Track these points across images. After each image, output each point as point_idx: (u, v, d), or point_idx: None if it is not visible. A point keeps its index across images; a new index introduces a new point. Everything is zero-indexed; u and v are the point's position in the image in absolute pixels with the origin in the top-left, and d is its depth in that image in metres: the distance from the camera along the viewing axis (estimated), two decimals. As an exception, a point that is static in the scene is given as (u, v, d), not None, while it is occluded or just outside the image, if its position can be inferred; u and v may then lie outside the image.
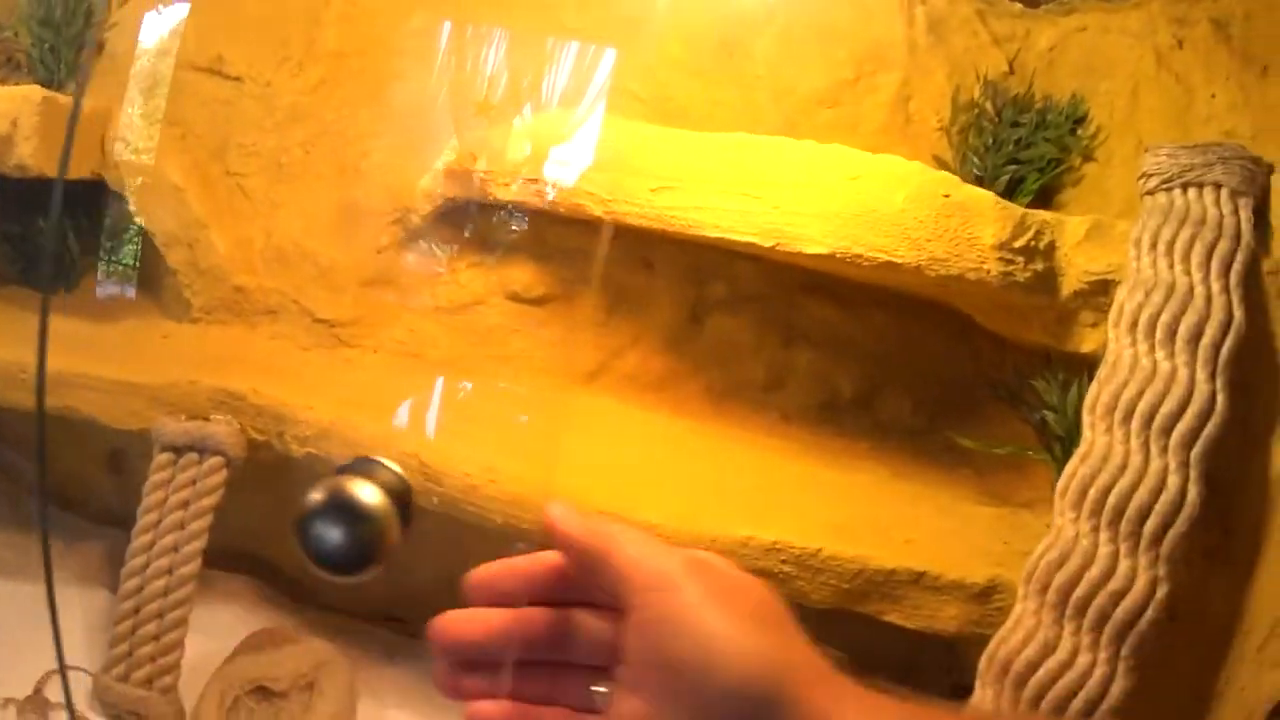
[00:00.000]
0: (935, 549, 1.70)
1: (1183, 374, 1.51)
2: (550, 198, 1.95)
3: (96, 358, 2.02)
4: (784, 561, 1.62)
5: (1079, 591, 1.44)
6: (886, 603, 1.64)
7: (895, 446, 2.03)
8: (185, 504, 1.90)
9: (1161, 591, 1.41)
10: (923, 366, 2.06)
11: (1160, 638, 1.42)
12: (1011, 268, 1.71)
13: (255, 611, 2.24)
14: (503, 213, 2.11)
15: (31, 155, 1.99)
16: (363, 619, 2.24)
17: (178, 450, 1.92)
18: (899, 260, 1.71)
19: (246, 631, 2.08)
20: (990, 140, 1.99)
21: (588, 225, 2.00)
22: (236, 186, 2.22)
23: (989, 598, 1.63)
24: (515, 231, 2.11)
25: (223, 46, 2.22)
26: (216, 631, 2.08)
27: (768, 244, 1.78)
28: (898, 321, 2.05)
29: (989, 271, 1.70)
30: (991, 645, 1.50)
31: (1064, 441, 1.78)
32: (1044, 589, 1.47)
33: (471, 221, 2.14)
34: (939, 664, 1.85)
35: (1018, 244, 1.72)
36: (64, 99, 2.08)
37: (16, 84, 2.14)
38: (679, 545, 1.53)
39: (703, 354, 2.11)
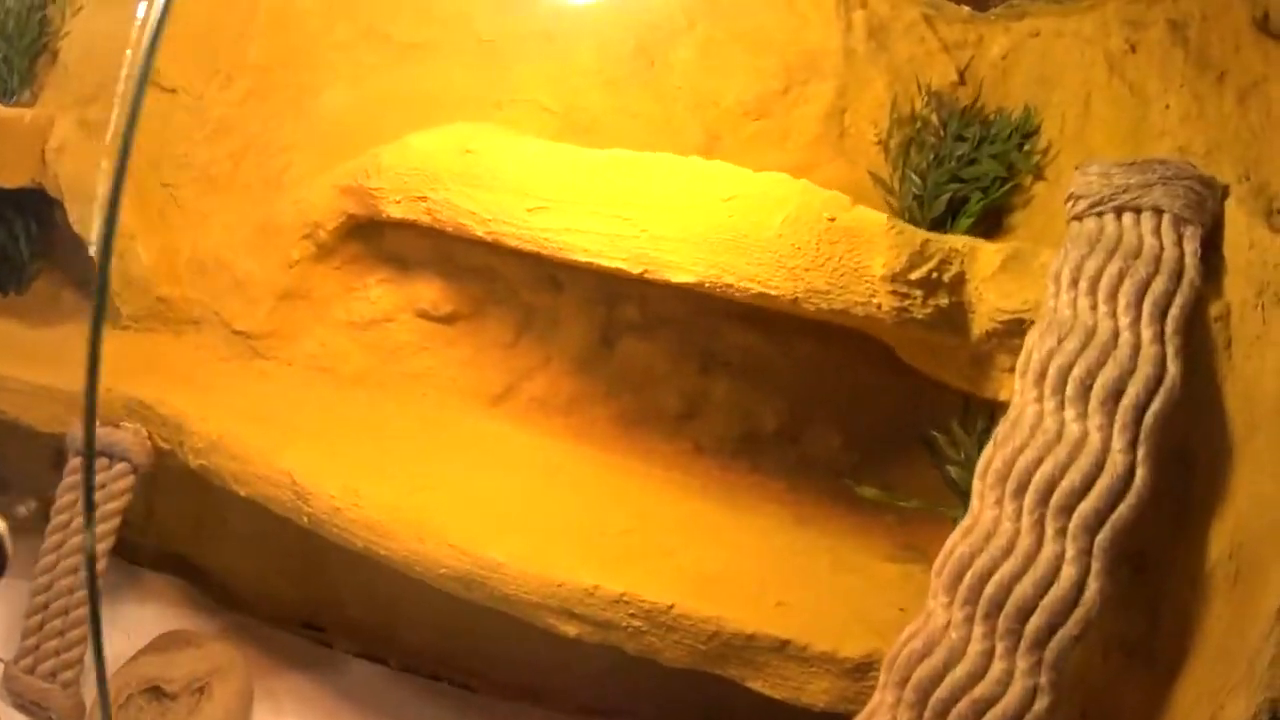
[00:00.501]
0: (811, 614, 1.59)
1: (1095, 440, 1.30)
2: (437, 215, 1.95)
3: (25, 362, 2.16)
4: (632, 615, 1.55)
5: (940, 692, 1.27)
6: (748, 669, 1.55)
7: (814, 487, 1.96)
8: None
9: (1041, 704, 1.21)
10: (854, 400, 1.97)
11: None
12: (907, 302, 1.61)
13: (177, 612, 2.35)
14: (409, 230, 2.09)
15: None
16: (282, 626, 2.31)
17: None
18: (773, 291, 1.65)
19: (166, 630, 2.19)
20: (932, 156, 1.90)
21: (498, 245, 1.99)
22: (170, 197, 2.33)
23: (864, 674, 1.50)
24: (422, 249, 2.11)
25: (160, 59, 2.33)
26: (137, 629, 2.17)
27: (636, 270, 1.76)
28: (825, 350, 1.96)
29: (880, 306, 1.61)
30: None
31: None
32: (903, 681, 1.31)
33: (380, 238, 2.16)
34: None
35: (914, 275, 1.62)
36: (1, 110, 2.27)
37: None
38: (520, 587, 1.63)
39: (614, 379, 2.09)
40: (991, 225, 1.86)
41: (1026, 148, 1.86)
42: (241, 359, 2.23)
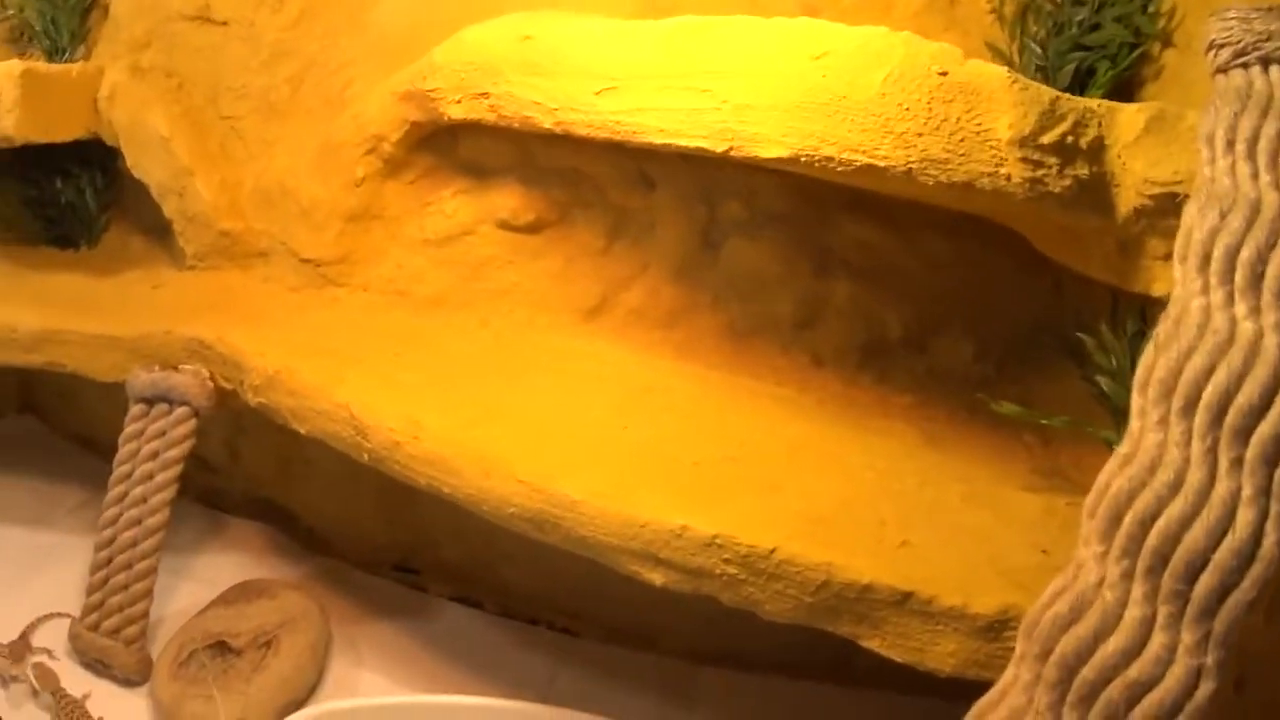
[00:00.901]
0: (938, 558, 1.38)
1: (1271, 344, 1.05)
2: (501, 111, 1.84)
3: (86, 314, 2.14)
4: (727, 561, 1.37)
5: (1088, 672, 1.05)
6: (863, 626, 1.34)
7: (945, 402, 1.77)
8: (155, 455, 1.98)
9: (1204, 691, 0.99)
10: (988, 303, 1.77)
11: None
12: (1041, 172, 1.39)
13: (261, 559, 2.33)
14: (482, 134, 1.99)
15: (15, 126, 2.17)
16: (372, 570, 2.27)
17: (149, 401, 2.01)
18: (882, 163, 1.44)
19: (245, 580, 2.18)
20: (1050, 24, 1.68)
21: (578, 140, 1.85)
22: (230, 129, 2.31)
23: (998, 634, 1.28)
24: (499, 154, 2.01)
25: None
26: (218, 580, 2.17)
27: (720, 148, 1.59)
28: (954, 245, 1.77)
29: (1009, 177, 1.39)
30: (970, 716, 1.15)
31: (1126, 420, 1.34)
32: (1045, 655, 1.08)
33: (454, 146, 2.06)
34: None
35: (1046, 139, 1.40)
36: (43, 68, 2.24)
37: (26, 57, 2.35)
38: (598, 528, 1.45)
39: (720, 285, 1.93)
40: (1122, 100, 1.56)
41: (1151, 9, 1.61)
42: (312, 288, 2.17)
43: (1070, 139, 1.41)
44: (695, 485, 1.52)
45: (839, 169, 1.48)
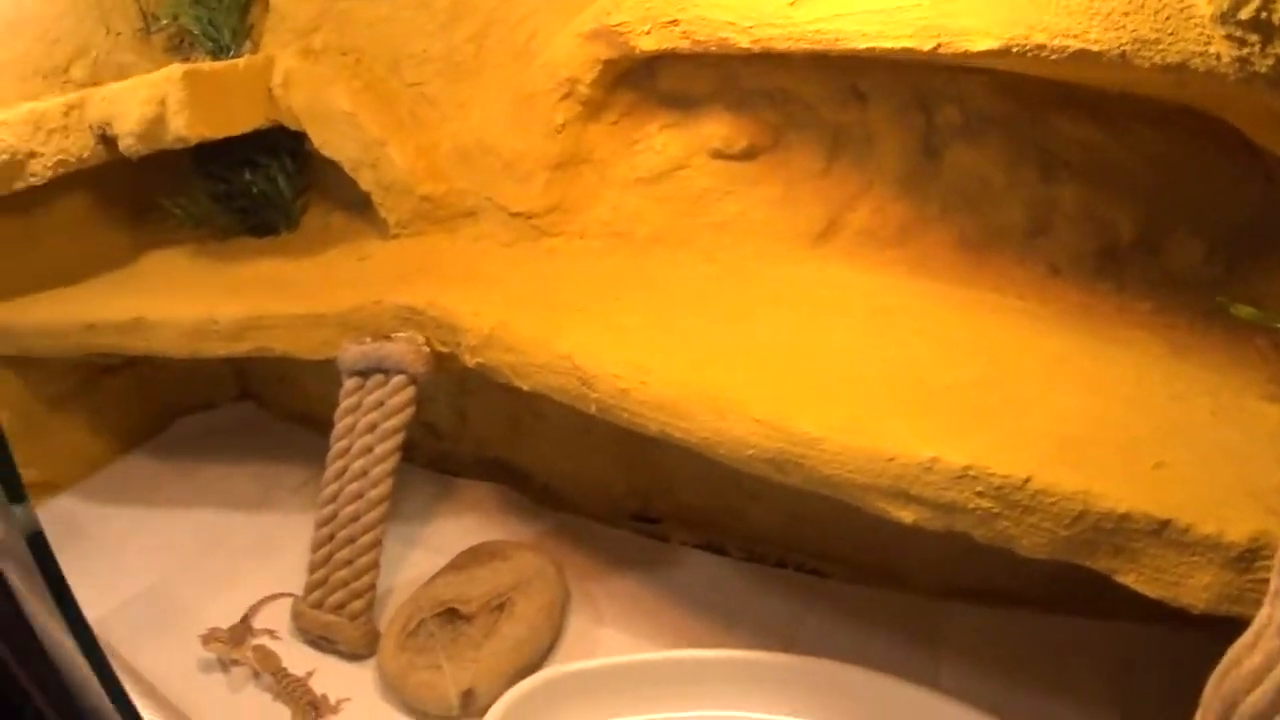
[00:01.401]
0: (1192, 481, 1.30)
1: None
2: (695, 36, 1.83)
3: (288, 295, 2.23)
4: (980, 494, 1.33)
5: None
6: (1119, 559, 1.29)
7: (1184, 307, 1.68)
8: (373, 427, 2.05)
9: None
10: (1212, 199, 1.67)
11: None
12: (1245, 50, 1.26)
13: (495, 520, 2.41)
14: (680, 63, 1.99)
15: (187, 126, 2.25)
16: (611, 522, 2.33)
17: (363, 374, 2.07)
18: (1095, 47, 1.37)
19: (481, 542, 2.23)
20: None
21: (781, 58, 1.84)
22: (419, 95, 2.35)
23: (1250, 564, 1.20)
24: (701, 81, 2.01)
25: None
26: (451, 545, 2.24)
27: (926, 47, 1.55)
28: (1171, 139, 1.68)
29: (1219, 57, 1.29)
30: (1222, 664, 1.04)
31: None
32: None
33: (653, 80, 2.07)
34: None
35: (1243, 14, 1.25)
36: (206, 67, 2.31)
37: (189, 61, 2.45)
38: (843, 465, 1.45)
39: (947, 196, 1.89)
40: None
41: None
42: (526, 241, 2.22)
43: (1264, 15, 1.32)
44: (942, 412, 1.47)
45: (1052, 57, 1.42)
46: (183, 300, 2.29)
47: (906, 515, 1.40)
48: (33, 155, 2.32)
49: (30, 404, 2.64)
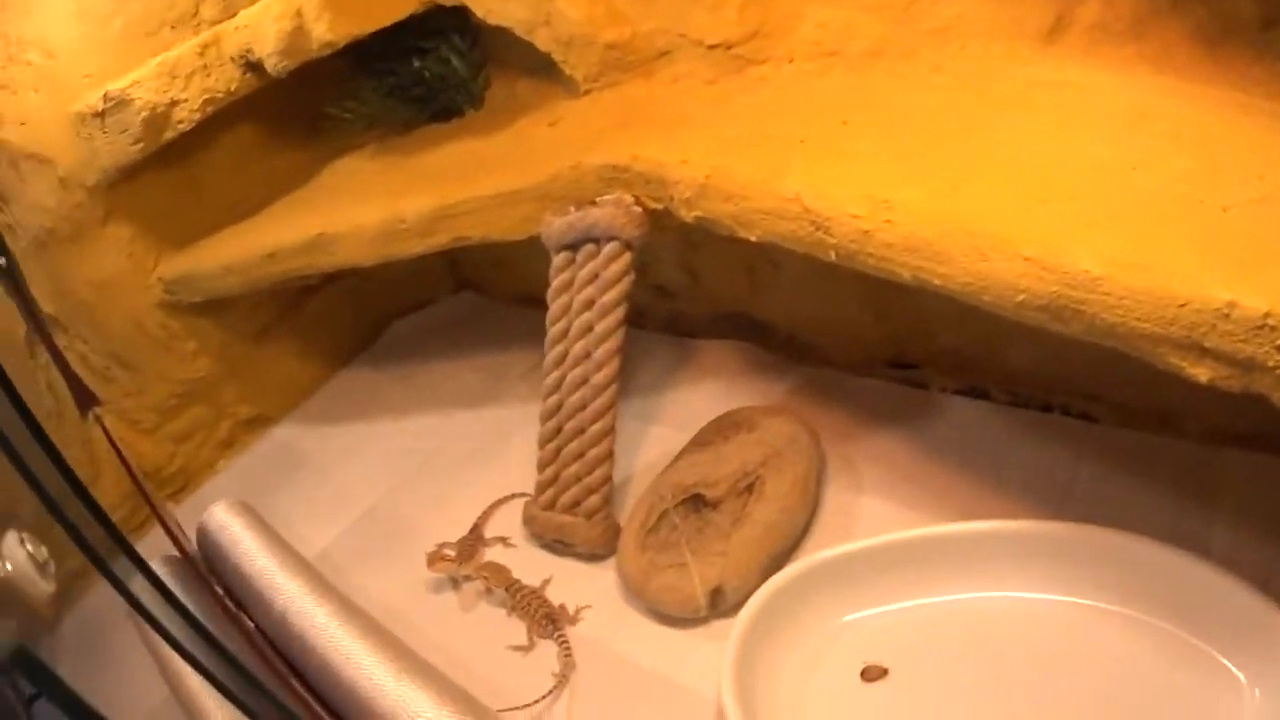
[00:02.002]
0: None
1: None
2: None
3: (477, 176, 2.13)
4: None
5: None
6: None
7: None
8: (590, 303, 1.92)
9: None
10: None
11: None
12: None
13: (739, 383, 2.30)
14: None
15: (330, 30, 2.19)
16: (864, 371, 2.19)
17: (571, 247, 1.95)
18: None
19: (732, 408, 2.11)
20: None
21: None
22: None
23: None
24: None
25: None
26: (692, 417, 2.14)
27: None
28: None
29: None
30: None
31: None
32: None
33: None
34: None
35: None
36: None
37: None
38: (1128, 312, 1.23)
39: None
40: None
41: None
42: (729, 75, 2.04)
43: None
44: (1227, 241, 1.22)
45: None
46: (365, 205, 2.23)
47: (1201, 373, 1.19)
48: (174, 104, 2.30)
49: (233, 344, 2.70)
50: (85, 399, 2.50)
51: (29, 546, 1.63)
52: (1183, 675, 1.42)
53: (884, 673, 1.57)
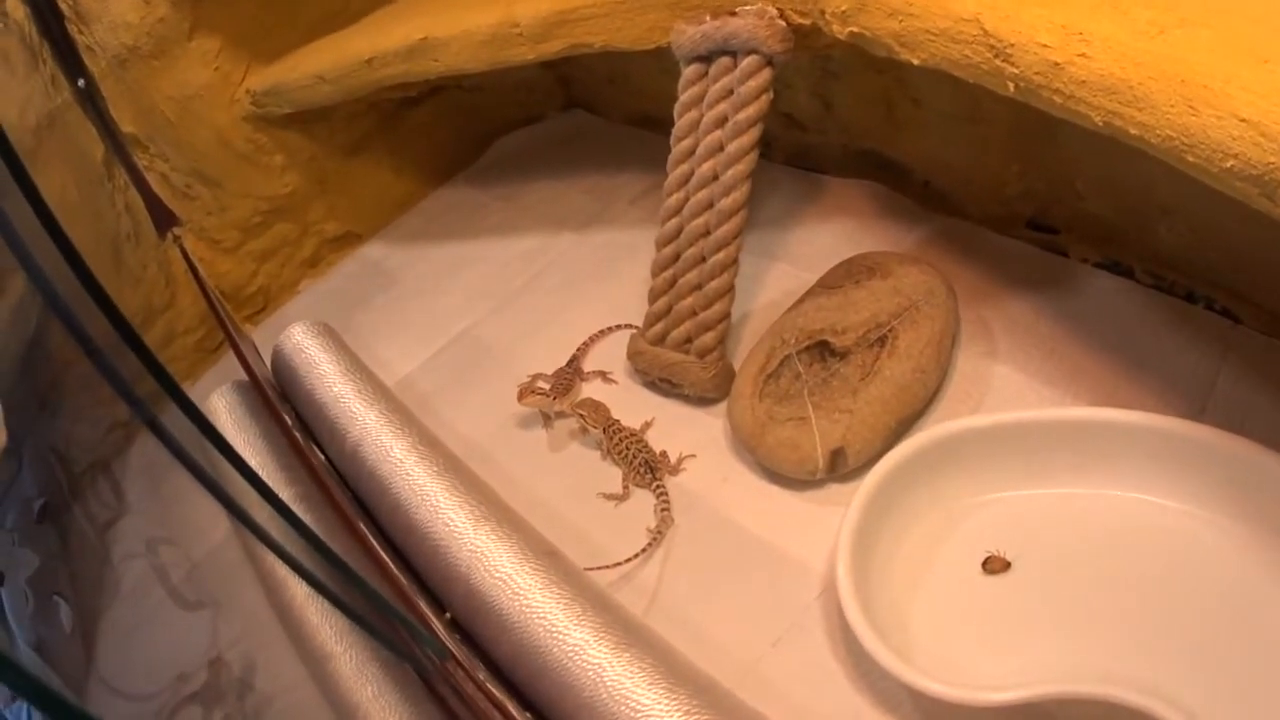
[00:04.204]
0: None
1: None
2: None
3: None
4: None
5: None
6: None
7: None
8: (722, 121, 1.75)
9: None
10: None
11: None
12: None
13: (868, 226, 2.14)
14: None
15: None
16: (1001, 229, 2.04)
17: (705, 59, 1.76)
18: None
19: (861, 252, 1.95)
20: None
21: None
22: None
23: None
24: None
25: None
26: (818, 257, 2.00)
27: None
28: None
29: None
30: None
31: None
32: None
33: None
34: None
35: None
36: None
37: None
38: None
39: None
40: None
41: None
42: None
43: None
44: None
45: None
46: (474, 8, 2.04)
47: None
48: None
49: (323, 158, 2.57)
50: (165, 219, 2.44)
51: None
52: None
53: (1006, 566, 1.44)
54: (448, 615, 1.54)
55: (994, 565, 1.43)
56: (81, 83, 2.25)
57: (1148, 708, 1.15)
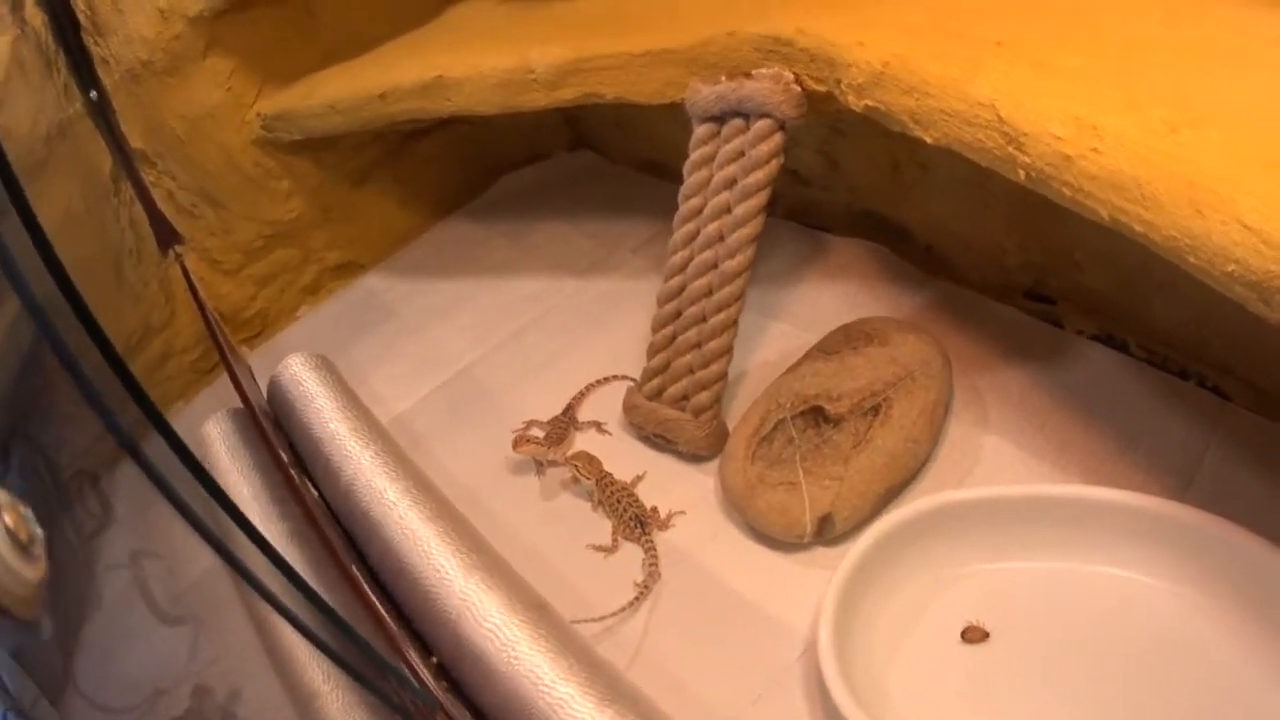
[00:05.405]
0: None
1: None
2: None
3: (620, 31, 1.95)
4: None
5: None
6: None
7: None
8: (731, 183, 1.76)
9: None
10: None
11: None
12: None
13: (869, 288, 2.15)
14: None
15: None
16: (1000, 297, 2.05)
17: (718, 119, 1.77)
18: None
19: (860, 315, 1.96)
20: None
21: None
22: None
23: None
24: None
25: None
26: (818, 318, 2.01)
27: None
28: None
29: None
30: None
31: None
32: None
33: None
34: None
35: None
36: None
37: None
38: None
39: None
40: None
41: None
42: None
43: None
44: None
45: None
46: (492, 50, 2.06)
47: None
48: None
49: (330, 186, 2.58)
50: (167, 236, 2.43)
51: (7, 518, 1.37)
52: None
53: (985, 636, 1.45)
54: (434, 660, 1.53)
55: (973, 635, 1.45)
56: (94, 94, 2.24)
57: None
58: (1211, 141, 1.19)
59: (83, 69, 2.25)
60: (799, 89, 1.69)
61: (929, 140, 1.48)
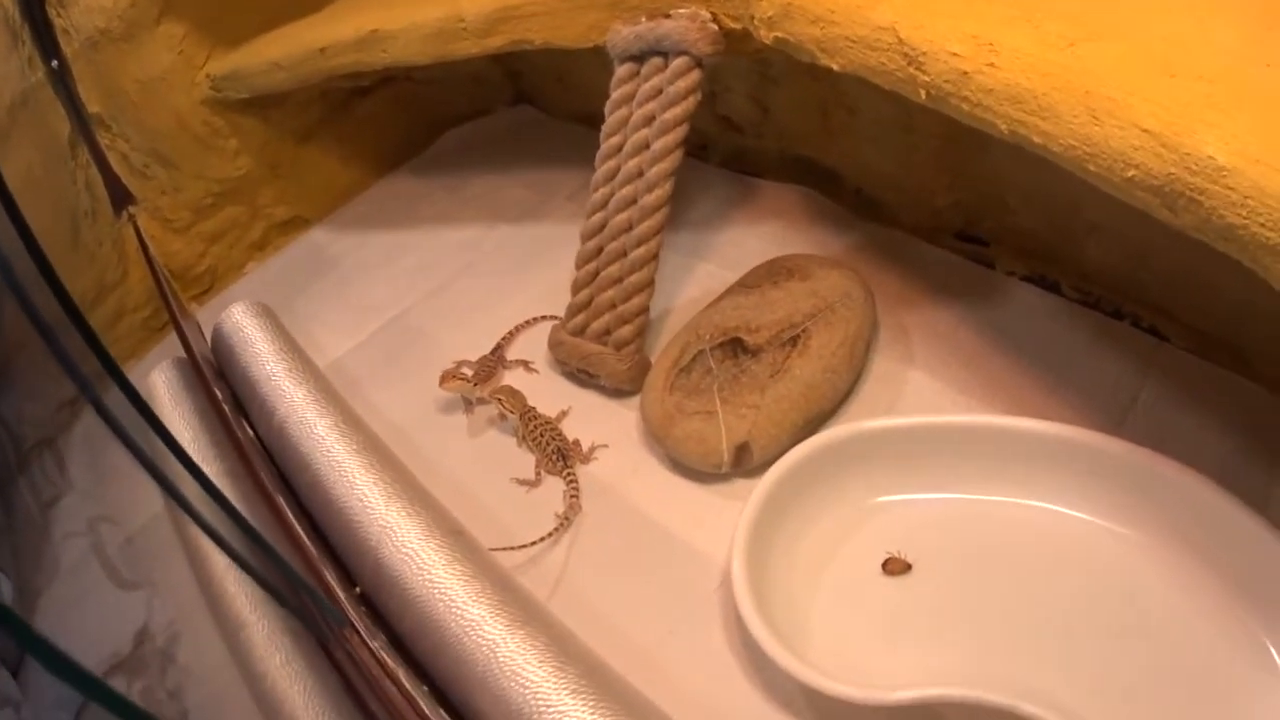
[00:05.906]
0: None
1: None
2: None
3: None
4: None
5: None
6: None
7: None
8: (650, 119, 1.76)
9: None
10: None
11: None
12: None
13: (797, 230, 2.12)
14: None
15: None
16: (930, 238, 2.04)
17: (637, 58, 1.77)
18: None
19: (776, 256, 1.94)
20: None
21: None
22: None
23: None
24: None
25: None
26: (744, 259, 1.98)
27: None
28: None
29: None
30: None
31: None
32: None
33: None
34: None
35: None
36: None
37: None
38: (1251, 215, 0.95)
39: None
40: None
41: None
42: None
43: None
44: None
45: None
46: (424, 2, 2.05)
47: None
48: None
49: (276, 144, 2.57)
50: (121, 197, 2.43)
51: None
52: (1219, 641, 1.29)
53: (907, 568, 1.44)
54: (358, 589, 1.53)
55: (894, 567, 1.43)
56: (55, 63, 2.25)
57: (1040, 717, 1.15)
58: (1110, 54, 1.19)
59: (46, 39, 2.25)
60: (715, 27, 1.68)
61: (836, 68, 1.46)
